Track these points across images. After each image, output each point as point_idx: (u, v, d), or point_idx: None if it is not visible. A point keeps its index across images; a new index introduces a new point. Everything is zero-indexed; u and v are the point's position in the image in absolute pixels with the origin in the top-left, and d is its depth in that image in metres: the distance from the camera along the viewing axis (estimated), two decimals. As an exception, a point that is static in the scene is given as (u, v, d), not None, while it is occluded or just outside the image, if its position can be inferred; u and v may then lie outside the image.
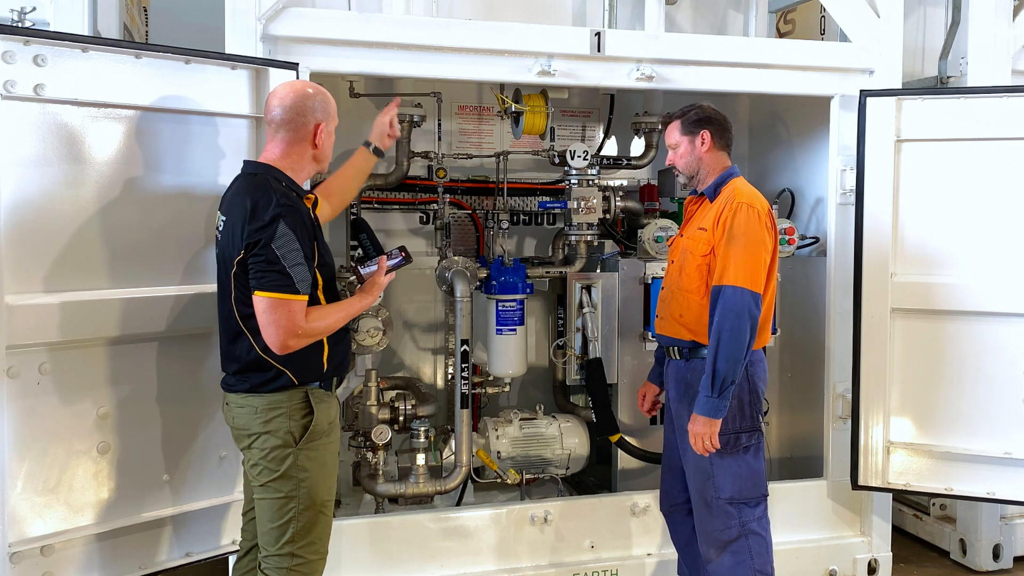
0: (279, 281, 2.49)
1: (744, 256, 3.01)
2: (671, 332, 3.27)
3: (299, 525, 2.64)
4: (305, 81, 2.79)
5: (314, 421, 2.65)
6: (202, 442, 3.18)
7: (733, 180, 3.20)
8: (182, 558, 3.17)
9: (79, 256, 2.85)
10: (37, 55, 2.70)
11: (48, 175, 2.77)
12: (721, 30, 4.68)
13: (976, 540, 4.28)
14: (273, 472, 2.62)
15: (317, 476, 2.66)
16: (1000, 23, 4.07)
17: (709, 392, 3.00)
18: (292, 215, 2.54)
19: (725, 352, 2.96)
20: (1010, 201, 3.74)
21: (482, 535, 3.79)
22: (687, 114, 3.24)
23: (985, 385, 3.79)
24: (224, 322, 2.71)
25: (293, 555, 2.65)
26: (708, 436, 3.03)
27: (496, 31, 3.65)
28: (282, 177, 2.66)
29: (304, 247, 2.54)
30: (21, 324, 2.71)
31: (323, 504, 2.70)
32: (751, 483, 3.15)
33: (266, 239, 2.49)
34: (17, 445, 2.73)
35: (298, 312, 2.52)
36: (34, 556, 2.79)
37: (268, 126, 2.72)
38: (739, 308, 2.97)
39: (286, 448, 2.62)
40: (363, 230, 2.85)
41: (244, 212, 2.54)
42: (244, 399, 2.65)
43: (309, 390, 2.68)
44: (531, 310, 4.64)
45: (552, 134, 4.73)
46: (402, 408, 4.11)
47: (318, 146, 2.73)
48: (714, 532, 3.15)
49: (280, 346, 2.53)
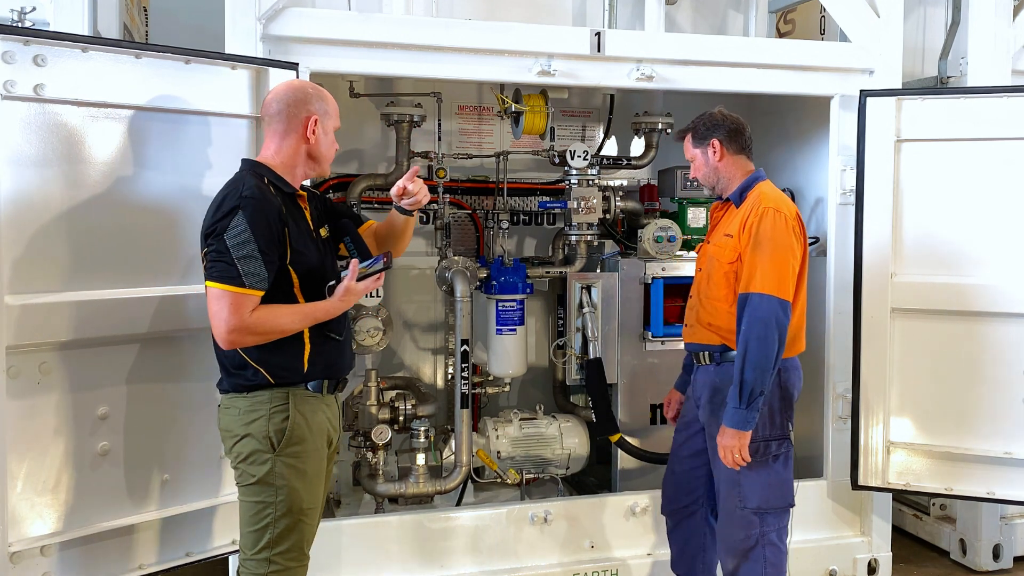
0: (225, 272, 2.42)
1: (771, 262, 2.93)
2: (700, 339, 3.18)
3: (275, 532, 2.56)
4: (305, 81, 2.73)
5: (290, 424, 2.56)
6: (202, 442, 3.17)
7: (759, 184, 3.13)
8: (182, 558, 3.16)
9: (79, 256, 2.85)
10: (37, 55, 2.70)
11: (48, 175, 2.77)
12: (721, 30, 4.68)
13: (976, 540, 4.28)
14: (251, 477, 2.56)
15: (296, 485, 2.57)
16: (1000, 23, 4.07)
17: (737, 403, 2.91)
18: (253, 208, 2.46)
19: (752, 361, 2.88)
20: (1010, 201, 3.73)
21: (482, 535, 3.79)
22: (696, 127, 3.17)
23: (985, 385, 3.79)
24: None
25: (270, 561, 2.58)
26: (738, 449, 2.94)
27: (496, 31, 3.65)
28: (266, 172, 2.60)
29: (261, 241, 2.45)
30: (21, 324, 2.70)
31: (302, 512, 2.61)
32: (779, 492, 3.08)
33: (220, 229, 2.44)
34: (17, 445, 2.73)
35: (242, 306, 2.42)
36: (34, 556, 2.79)
37: (264, 122, 2.69)
38: (766, 316, 2.89)
39: (264, 454, 2.54)
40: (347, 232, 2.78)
41: (212, 206, 2.52)
42: (230, 400, 2.61)
43: (291, 391, 2.59)
44: (531, 310, 4.64)
45: (552, 134, 4.73)
46: (402, 408, 4.11)
47: (311, 141, 2.64)
48: (734, 541, 3.09)
49: (222, 340, 2.46)
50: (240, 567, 2.65)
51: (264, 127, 2.70)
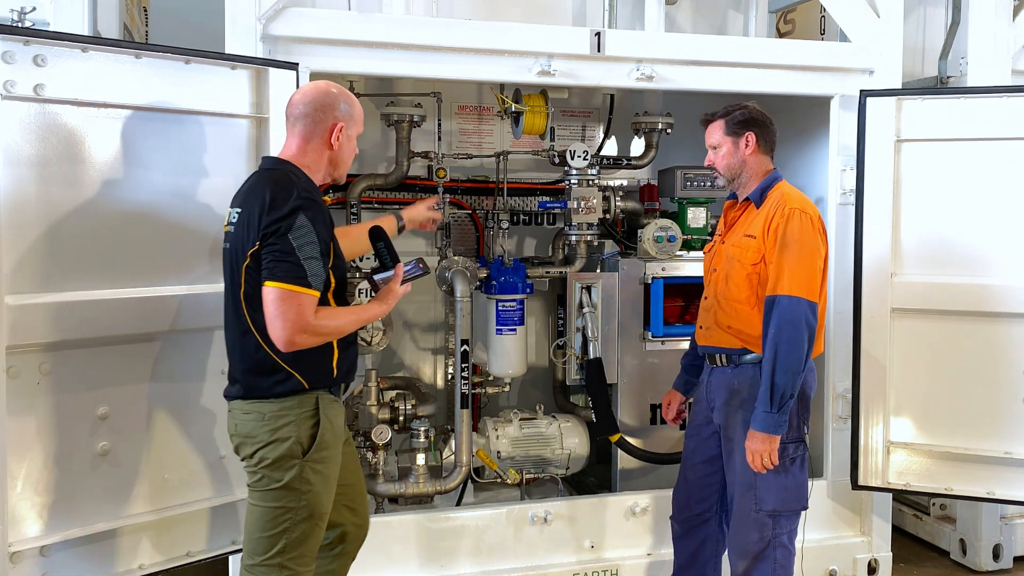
0: (292, 272, 2.38)
1: (799, 264, 2.90)
2: (718, 342, 3.13)
3: (292, 537, 2.53)
4: (331, 83, 2.71)
5: (321, 430, 2.54)
6: (202, 442, 3.17)
7: (779, 184, 3.10)
8: (182, 558, 3.16)
9: (79, 256, 2.85)
10: (37, 55, 2.70)
11: (48, 175, 2.77)
12: (721, 30, 4.68)
13: (976, 540, 4.28)
14: (275, 482, 2.51)
15: (320, 489, 2.56)
16: (1000, 23, 4.08)
17: (768, 407, 2.88)
18: (313, 209, 2.46)
19: (783, 365, 2.85)
20: (1010, 201, 3.73)
21: (482, 535, 3.79)
22: (731, 114, 3.11)
23: (985, 385, 3.78)
24: (231, 321, 2.59)
25: (283, 566, 2.53)
26: (767, 453, 2.92)
27: (496, 31, 3.65)
28: (300, 173, 2.58)
29: (322, 243, 2.46)
30: (21, 324, 2.71)
31: (320, 517, 2.60)
32: (795, 495, 3.06)
33: (284, 229, 2.40)
34: (17, 445, 2.73)
35: (308, 307, 2.40)
36: (34, 556, 2.79)
37: (287, 121, 2.65)
38: (796, 318, 2.86)
39: (292, 459, 2.51)
40: (381, 238, 2.79)
41: (262, 203, 2.44)
42: (251, 405, 2.54)
43: (320, 396, 2.57)
44: (531, 310, 4.64)
45: (552, 134, 4.73)
46: (402, 408, 4.11)
47: (334, 148, 2.64)
48: (747, 543, 3.07)
49: (286, 341, 2.40)
50: (245, 572, 2.59)
51: (288, 125, 2.66)
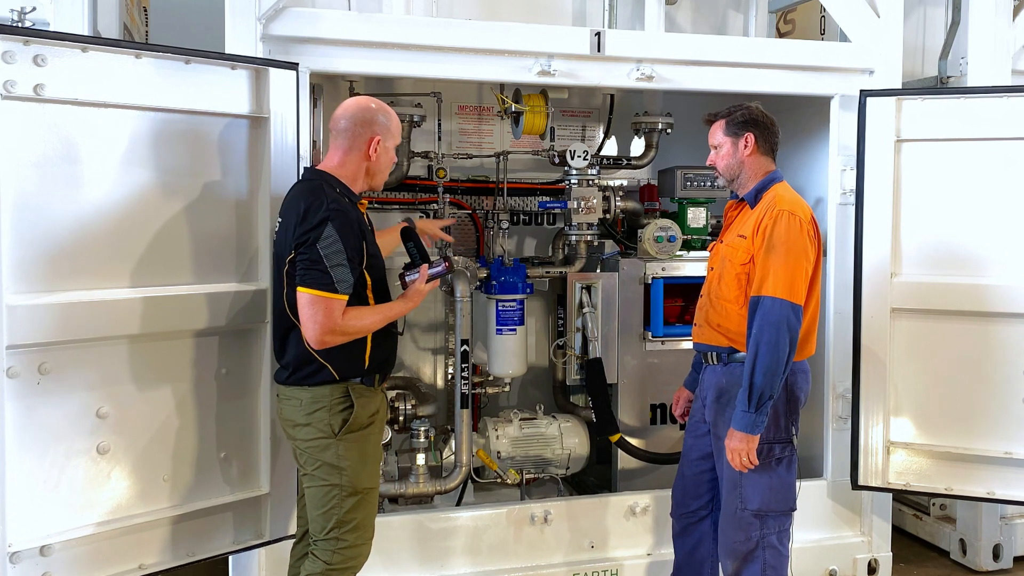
0: (320, 279, 2.66)
1: (784, 266, 2.92)
2: (709, 339, 3.18)
3: (342, 511, 2.80)
4: (371, 97, 2.95)
5: (353, 415, 2.80)
6: (202, 442, 3.17)
7: (775, 186, 3.12)
8: (183, 558, 3.16)
9: (79, 256, 2.85)
10: (37, 55, 2.70)
11: (48, 175, 2.77)
12: (721, 30, 4.69)
13: (976, 540, 4.28)
14: (316, 461, 2.80)
15: (357, 466, 2.81)
16: (1000, 23, 4.07)
17: (746, 407, 2.91)
18: (340, 219, 2.70)
19: (762, 365, 2.88)
20: (1010, 201, 3.73)
21: (482, 535, 3.79)
22: (733, 114, 3.13)
23: (985, 385, 3.79)
24: (277, 317, 2.93)
25: (338, 539, 2.81)
26: (746, 452, 2.94)
27: (496, 31, 3.65)
28: (336, 183, 2.82)
29: (349, 250, 2.69)
30: (21, 324, 2.70)
31: (365, 491, 2.85)
32: (780, 496, 3.07)
33: (313, 239, 2.67)
34: (17, 445, 2.73)
35: (335, 310, 2.67)
36: (34, 556, 2.79)
37: (331, 134, 2.90)
38: (777, 320, 2.88)
39: (326, 439, 2.78)
40: (411, 238, 2.96)
41: (297, 215, 2.72)
42: (292, 391, 2.84)
43: (350, 385, 2.82)
44: (531, 310, 4.64)
45: (552, 134, 4.73)
46: (402, 408, 4.12)
47: (372, 159, 2.87)
48: (734, 543, 3.09)
49: (317, 341, 2.68)
50: (312, 548, 2.86)
51: (331, 138, 2.90)
